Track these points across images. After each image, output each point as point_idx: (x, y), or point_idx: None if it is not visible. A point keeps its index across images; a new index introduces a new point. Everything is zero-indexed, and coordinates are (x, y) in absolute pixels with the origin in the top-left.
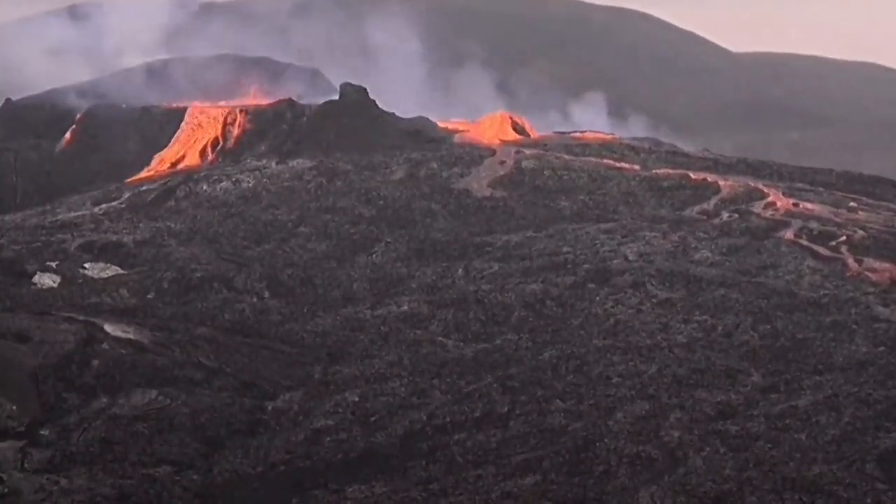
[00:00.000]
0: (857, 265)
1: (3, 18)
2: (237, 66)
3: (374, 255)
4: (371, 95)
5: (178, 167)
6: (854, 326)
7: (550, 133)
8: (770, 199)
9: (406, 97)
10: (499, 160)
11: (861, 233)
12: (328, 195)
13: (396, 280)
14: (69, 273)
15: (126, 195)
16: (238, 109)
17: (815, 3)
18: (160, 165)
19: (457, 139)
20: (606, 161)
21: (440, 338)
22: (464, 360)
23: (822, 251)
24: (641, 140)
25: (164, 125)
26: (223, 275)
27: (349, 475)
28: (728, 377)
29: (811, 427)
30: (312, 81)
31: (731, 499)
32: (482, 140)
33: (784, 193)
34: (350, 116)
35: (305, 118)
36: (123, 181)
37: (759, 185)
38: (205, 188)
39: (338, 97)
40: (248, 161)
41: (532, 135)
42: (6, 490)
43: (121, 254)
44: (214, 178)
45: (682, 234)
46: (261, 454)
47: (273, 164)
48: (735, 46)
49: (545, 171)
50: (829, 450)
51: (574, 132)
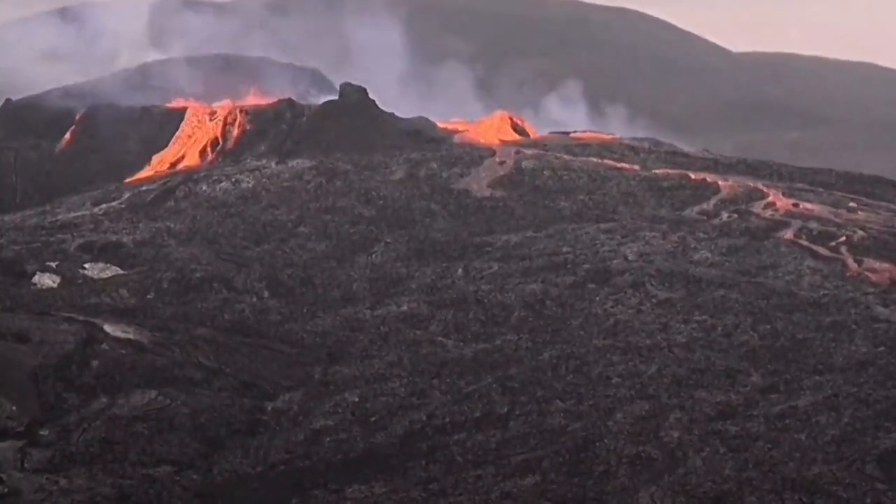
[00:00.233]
0: (857, 265)
1: (2, 19)
2: (237, 67)
3: (374, 256)
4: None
5: (178, 167)
6: (854, 327)
7: (549, 133)
8: (770, 200)
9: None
10: (498, 160)
11: (861, 233)
12: (328, 195)
13: (396, 280)
14: (69, 273)
15: (126, 195)
16: (238, 109)
17: (815, 3)
18: (160, 166)
19: (457, 139)
20: (606, 161)
21: (440, 338)
22: (463, 361)
23: (822, 251)
24: (641, 140)
25: (164, 125)
26: (223, 275)
27: (349, 475)
28: (728, 377)
29: (811, 427)
30: (312, 81)
31: (731, 499)
32: (482, 140)
33: (784, 194)
34: (350, 116)
35: (305, 118)
36: (123, 181)
37: (759, 186)
38: (204, 188)
39: (338, 97)
40: (248, 161)
41: (532, 135)
42: (6, 490)
43: (120, 254)
44: (214, 179)
45: (682, 235)
46: (261, 454)
47: (273, 164)
48: (735, 46)
49: (545, 172)
50: (829, 450)
51: (573, 132)
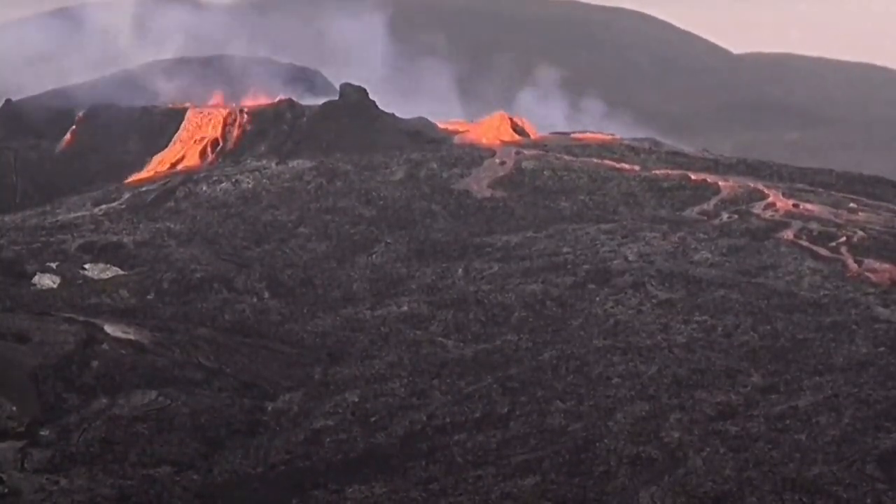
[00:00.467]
0: (857, 266)
1: (2, 20)
2: (237, 67)
3: (374, 256)
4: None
5: (178, 168)
6: (854, 327)
7: (550, 134)
8: (770, 200)
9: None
10: (499, 161)
11: (861, 233)
12: (328, 196)
13: (396, 280)
14: (69, 274)
15: (126, 196)
16: (238, 110)
17: (815, 3)
18: (160, 166)
19: (457, 140)
20: (606, 162)
21: (440, 338)
22: (464, 361)
23: (822, 252)
24: (641, 140)
25: (164, 125)
26: (223, 275)
27: (349, 475)
28: (728, 378)
29: (811, 427)
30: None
31: (731, 499)
32: (482, 141)
33: (784, 194)
34: (350, 117)
35: (305, 119)
36: (123, 182)
37: (759, 186)
38: (204, 189)
39: (337, 97)
40: (248, 162)
41: (532, 135)
42: (6, 490)
43: (121, 254)
44: (214, 179)
45: (682, 235)
46: (261, 454)
47: (273, 165)
48: (735, 46)
49: (545, 172)
50: (829, 450)
51: (574, 132)
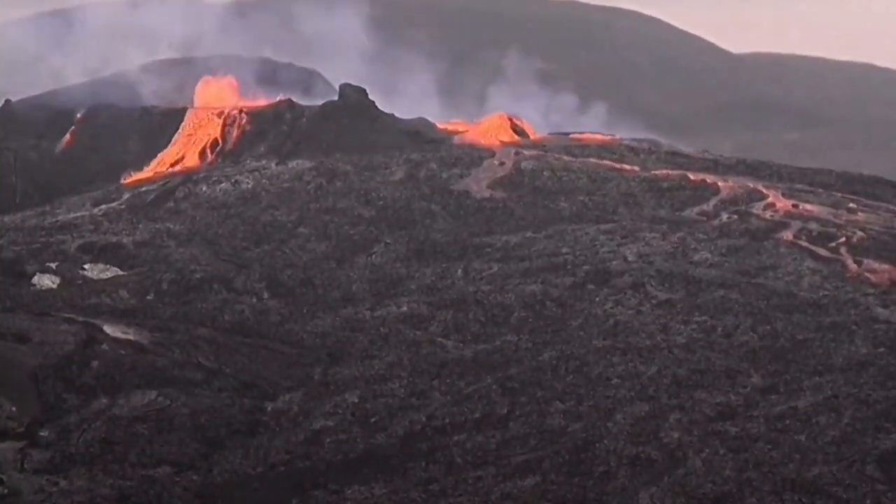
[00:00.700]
0: (857, 266)
1: (2, 19)
2: (238, 67)
3: (374, 256)
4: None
5: (178, 168)
6: (854, 327)
7: (549, 134)
8: (769, 201)
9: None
10: (498, 161)
11: (860, 234)
12: (328, 196)
13: (396, 281)
14: (69, 274)
15: (126, 196)
16: (238, 110)
17: (815, 3)
18: (159, 166)
19: (456, 140)
20: (606, 162)
21: (440, 339)
22: (463, 361)
23: (822, 252)
24: (641, 141)
25: (164, 126)
26: (223, 276)
27: (349, 476)
28: (728, 378)
29: (811, 428)
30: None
31: (731, 500)
32: (482, 141)
33: (783, 194)
34: (349, 117)
35: (305, 119)
36: (123, 182)
37: (759, 186)
38: (204, 189)
39: (337, 97)
40: (248, 162)
41: (531, 136)
42: (6, 491)
43: (120, 255)
44: (214, 179)
45: (682, 235)
46: (260, 455)
47: (272, 165)
48: (735, 46)
49: (544, 172)
50: (829, 451)
51: (573, 133)
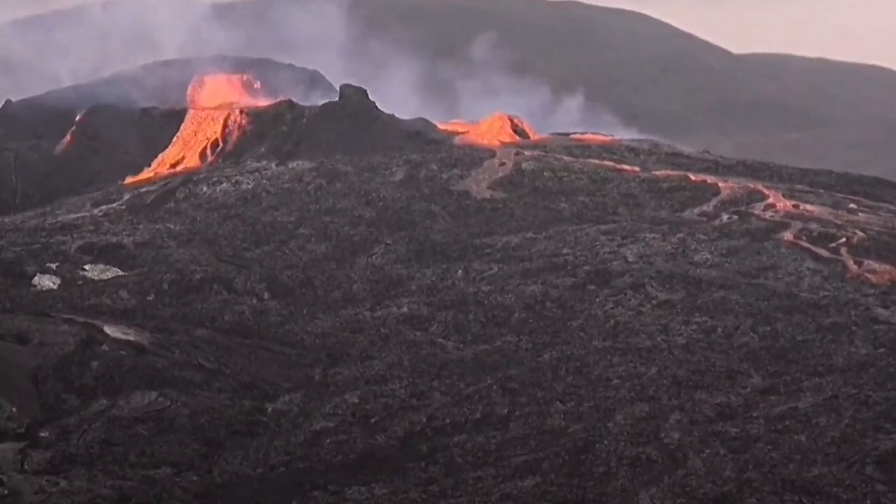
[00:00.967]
0: (857, 267)
1: (2, 19)
2: (236, 67)
3: (374, 257)
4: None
5: (178, 169)
6: (854, 328)
7: (550, 134)
8: (770, 201)
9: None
10: (498, 162)
11: (861, 234)
12: (328, 197)
13: (396, 281)
14: (69, 274)
15: (126, 196)
16: (238, 110)
17: (816, 3)
18: (160, 167)
19: (456, 141)
20: (606, 162)
21: (440, 339)
22: (464, 362)
23: (822, 253)
24: (641, 141)
25: (164, 126)
26: (223, 276)
27: (349, 477)
28: (728, 378)
29: (811, 428)
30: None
31: (731, 500)
32: (482, 141)
33: (784, 195)
34: (350, 117)
35: (305, 119)
36: (123, 182)
37: (759, 187)
38: (204, 190)
39: (337, 98)
40: (248, 163)
41: (532, 136)
42: (6, 491)
43: (120, 255)
44: (214, 180)
45: (682, 236)
46: (260, 455)
47: (273, 166)
48: (735, 46)
49: (545, 173)
50: (829, 451)
51: (573, 133)
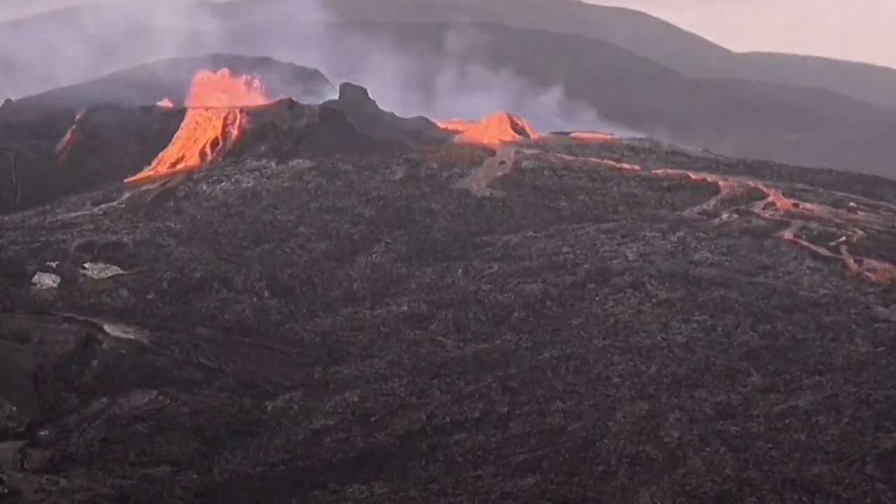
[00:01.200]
0: (857, 265)
1: (2, 19)
2: (236, 67)
3: (374, 256)
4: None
5: (178, 167)
6: (854, 327)
7: (550, 133)
8: (770, 200)
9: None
10: (498, 160)
11: (861, 233)
12: (328, 195)
13: (396, 280)
14: (69, 273)
15: (126, 195)
16: (238, 109)
17: (816, 4)
18: (160, 166)
19: (456, 139)
20: (606, 161)
21: (440, 338)
22: (464, 360)
23: (822, 251)
24: (641, 140)
25: (164, 125)
26: (223, 275)
27: (349, 475)
28: (728, 377)
29: (811, 427)
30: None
31: (731, 499)
32: (482, 140)
33: (784, 194)
34: (350, 117)
35: (305, 118)
36: (123, 181)
37: (759, 186)
38: (204, 188)
39: (337, 97)
40: (248, 161)
41: (532, 135)
42: (6, 490)
43: (120, 254)
44: (214, 179)
45: (682, 235)
46: (260, 454)
47: (273, 165)
48: (735, 46)
49: (545, 172)
50: (829, 450)
51: (572, 133)
